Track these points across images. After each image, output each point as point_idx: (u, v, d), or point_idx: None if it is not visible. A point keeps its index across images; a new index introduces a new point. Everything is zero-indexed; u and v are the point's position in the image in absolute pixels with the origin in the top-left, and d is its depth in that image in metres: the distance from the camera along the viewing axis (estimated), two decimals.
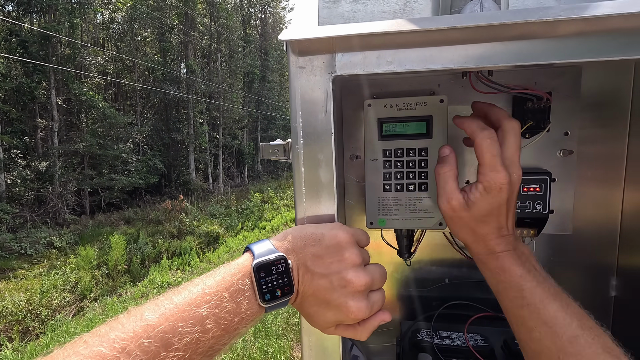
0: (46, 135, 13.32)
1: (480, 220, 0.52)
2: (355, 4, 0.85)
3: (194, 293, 0.41)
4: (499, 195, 0.50)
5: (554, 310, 0.46)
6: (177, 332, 0.38)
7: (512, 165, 0.50)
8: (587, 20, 0.43)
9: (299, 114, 0.50)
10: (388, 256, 0.79)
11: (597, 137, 0.69)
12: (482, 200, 0.50)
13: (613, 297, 0.72)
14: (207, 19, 20.70)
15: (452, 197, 0.52)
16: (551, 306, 0.46)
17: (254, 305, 0.43)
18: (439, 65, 0.46)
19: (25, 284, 7.34)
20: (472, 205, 0.51)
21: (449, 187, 0.53)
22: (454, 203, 0.52)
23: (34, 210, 11.67)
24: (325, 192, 0.52)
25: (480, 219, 0.51)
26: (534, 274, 0.49)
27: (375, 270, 0.48)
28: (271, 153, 0.58)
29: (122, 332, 0.37)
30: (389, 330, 0.82)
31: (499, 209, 0.51)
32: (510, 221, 0.52)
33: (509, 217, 0.52)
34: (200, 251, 9.92)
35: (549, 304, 0.47)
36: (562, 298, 0.47)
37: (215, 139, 20.33)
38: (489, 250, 0.52)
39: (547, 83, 0.66)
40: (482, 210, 0.51)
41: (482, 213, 0.51)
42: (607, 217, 0.71)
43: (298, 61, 0.49)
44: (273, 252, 0.45)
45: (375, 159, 0.67)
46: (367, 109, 0.67)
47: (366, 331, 0.48)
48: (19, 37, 12.28)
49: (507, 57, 0.45)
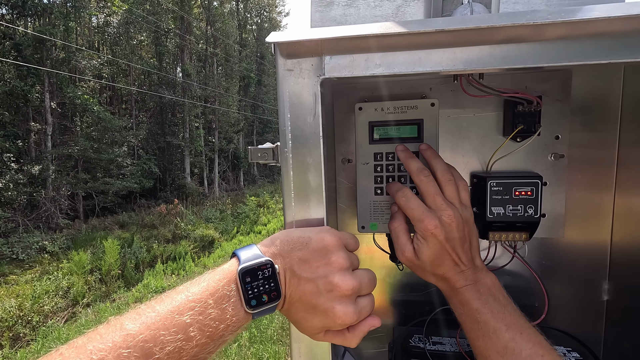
0: (40, 139, 13.20)
1: (432, 264, 0.55)
2: (347, 7, 0.85)
3: (177, 300, 0.40)
4: (434, 240, 0.53)
5: (505, 340, 0.50)
6: (159, 341, 0.37)
7: (438, 209, 0.54)
8: (574, 23, 0.43)
9: (287, 117, 0.50)
10: (380, 261, 0.78)
11: (588, 140, 0.70)
12: (423, 247, 0.55)
13: (605, 301, 0.72)
14: (203, 23, 20.72)
15: (404, 250, 0.57)
16: (503, 336, 0.50)
17: (240, 312, 0.42)
18: (427, 68, 0.46)
19: (17, 290, 7.22)
20: (419, 254, 0.55)
21: (400, 241, 0.58)
22: (407, 255, 0.57)
23: (27, 215, 11.52)
24: (314, 196, 0.51)
25: (431, 263, 0.55)
26: (490, 305, 0.53)
27: (363, 275, 0.48)
28: (260, 156, 0.57)
29: (101, 342, 0.35)
30: (381, 336, 0.81)
31: (442, 251, 0.54)
32: (464, 256, 0.55)
33: (461, 253, 0.55)
34: (195, 255, 9.84)
35: (501, 334, 0.50)
36: (516, 327, 0.51)
37: (211, 142, 20.26)
38: (450, 287, 0.56)
39: (537, 87, 0.66)
40: (427, 256, 0.55)
41: (429, 258, 0.55)
42: (599, 220, 0.71)
43: (286, 64, 0.49)
44: (259, 257, 0.44)
45: (366, 163, 0.67)
46: (357, 112, 0.66)
47: (355, 337, 0.47)
48: (13, 40, 12.20)
49: (496, 60, 0.45)
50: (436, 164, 0.58)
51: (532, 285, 0.73)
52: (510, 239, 0.66)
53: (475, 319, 0.52)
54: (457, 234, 0.54)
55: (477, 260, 0.57)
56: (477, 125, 0.71)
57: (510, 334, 0.50)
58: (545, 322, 0.69)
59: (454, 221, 0.53)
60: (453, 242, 0.54)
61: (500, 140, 0.70)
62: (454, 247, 0.54)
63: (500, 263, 0.73)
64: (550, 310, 0.72)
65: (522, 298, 0.74)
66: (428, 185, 0.55)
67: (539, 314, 0.71)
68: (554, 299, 0.73)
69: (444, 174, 0.56)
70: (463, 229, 0.55)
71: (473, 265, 0.56)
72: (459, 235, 0.54)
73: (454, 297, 0.56)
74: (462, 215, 0.55)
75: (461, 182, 0.58)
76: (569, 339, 0.68)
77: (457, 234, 0.54)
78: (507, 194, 0.64)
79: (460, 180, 0.58)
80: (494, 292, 0.54)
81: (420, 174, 0.56)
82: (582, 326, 0.72)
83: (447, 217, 0.53)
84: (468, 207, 0.57)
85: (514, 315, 0.52)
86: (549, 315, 0.71)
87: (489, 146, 0.70)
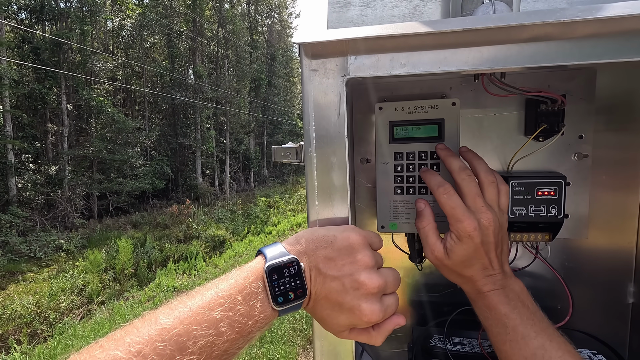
0: (56, 140, 13.55)
1: (462, 265, 0.55)
2: (364, 8, 0.85)
3: (207, 297, 0.41)
4: (470, 242, 0.52)
5: (534, 347, 0.49)
6: (192, 336, 0.38)
7: (477, 211, 0.53)
8: (603, 21, 0.42)
9: (311, 117, 0.50)
10: (399, 261, 0.78)
11: (612, 140, 0.68)
12: (457, 248, 0.54)
13: (631, 304, 0.70)
14: (214, 25, 20.95)
15: (434, 249, 0.56)
16: (532, 342, 0.50)
17: (267, 308, 0.43)
18: (453, 67, 0.46)
19: (34, 287, 7.42)
20: (451, 254, 0.54)
21: (430, 240, 0.57)
22: (437, 254, 0.56)
23: (44, 214, 11.82)
24: (338, 195, 0.51)
25: (462, 264, 0.55)
26: (519, 311, 0.52)
27: (388, 274, 0.48)
28: (283, 156, 0.58)
29: (137, 336, 0.37)
30: (399, 336, 0.81)
31: (476, 253, 0.53)
32: (496, 261, 0.54)
33: (493, 258, 0.54)
34: (206, 255, 9.95)
35: (531, 340, 0.50)
36: (545, 334, 0.50)
37: (222, 143, 20.46)
38: (477, 290, 0.55)
39: (560, 86, 0.65)
40: (460, 257, 0.54)
41: (461, 259, 0.54)
42: (624, 222, 0.69)
43: (311, 64, 0.49)
44: (285, 255, 0.45)
45: (386, 163, 0.67)
46: (378, 112, 0.67)
47: (381, 335, 0.47)
48: (32, 44, 12.56)
49: (522, 58, 0.45)
50: (479, 164, 0.57)
51: (555, 287, 0.72)
52: (532, 239, 0.65)
53: (504, 323, 0.52)
54: (493, 238, 0.53)
55: (506, 267, 0.56)
56: (498, 124, 0.70)
57: (539, 341, 0.49)
58: (568, 324, 0.67)
59: (492, 225, 0.52)
60: (488, 246, 0.53)
61: (521, 140, 0.69)
62: (488, 251, 0.54)
63: (521, 264, 0.72)
64: (574, 313, 0.70)
65: (544, 300, 0.73)
66: (470, 185, 0.54)
67: (561, 316, 0.69)
68: (577, 301, 0.71)
69: (487, 175, 0.55)
70: (498, 234, 0.54)
71: (502, 271, 0.55)
72: (494, 240, 0.53)
73: (479, 301, 0.55)
74: (500, 221, 0.54)
75: (503, 186, 0.57)
76: (595, 342, 0.66)
77: (492, 239, 0.53)
78: (529, 194, 0.63)
79: (502, 184, 0.57)
80: (523, 298, 0.53)
81: (462, 173, 0.55)
82: (606, 329, 0.71)
83: (486, 220, 0.52)
84: (505, 212, 0.56)
85: (543, 322, 0.51)
86: (573, 318, 0.70)
87: (510, 146, 0.69)
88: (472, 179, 0.54)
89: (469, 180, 0.54)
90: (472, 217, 0.52)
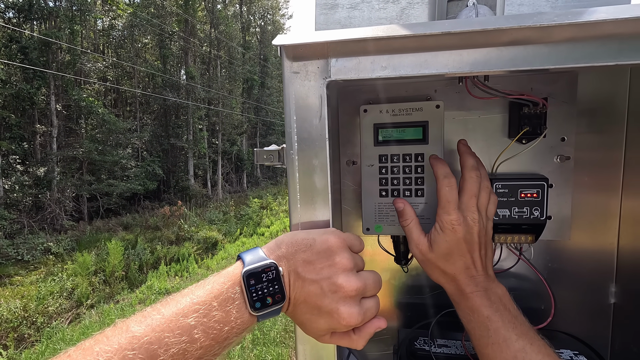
0: (45, 141, 13.31)
1: (444, 260, 0.56)
2: (352, 10, 0.85)
3: (182, 303, 0.40)
4: (453, 234, 0.54)
5: (515, 350, 0.50)
6: (163, 343, 0.37)
7: (466, 209, 0.55)
8: (581, 25, 0.42)
9: (293, 119, 0.50)
10: (385, 263, 0.78)
11: (594, 143, 0.69)
12: (439, 239, 0.55)
13: (612, 304, 0.71)
14: (207, 26, 20.84)
15: (419, 243, 0.58)
16: (513, 345, 0.50)
17: (244, 314, 0.42)
18: (433, 70, 0.46)
19: (22, 291, 7.27)
20: (434, 245, 0.56)
21: (414, 235, 0.59)
22: (421, 247, 0.58)
23: (32, 216, 11.61)
24: (320, 198, 0.51)
25: (444, 257, 0.56)
26: (501, 314, 0.52)
27: (368, 277, 0.48)
28: (266, 158, 0.57)
29: (107, 345, 0.36)
30: (385, 338, 0.81)
31: (458, 248, 0.55)
32: (479, 262, 0.56)
33: (477, 258, 0.55)
34: (198, 257, 9.86)
35: (512, 343, 0.50)
36: (526, 337, 0.51)
37: (214, 144, 20.34)
38: (459, 290, 0.56)
39: (543, 89, 0.66)
40: (442, 249, 0.56)
41: (443, 252, 0.56)
42: (606, 223, 0.70)
43: (292, 66, 0.49)
44: (263, 260, 0.45)
45: (371, 165, 0.67)
46: (363, 114, 0.67)
47: (362, 339, 0.47)
48: (20, 44, 12.34)
49: (502, 62, 0.45)
50: (480, 169, 0.59)
51: (538, 288, 0.73)
52: (516, 241, 0.66)
53: (486, 326, 0.52)
54: (477, 238, 0.55)
55: (490, 271, 0.57)
56: (482, 127, 0.71)
57: (520, 344, 0.50)
58: (551, 325, 0.68)
59: (476, 225, 0.55)
60: (471, 244, 0.55)
61: (505, 142, 0.69)
62: (471, 249, 0.55)
63: (505, 265, 0.73)
64: (557, 313, 0.71)
65: (528, 301, 0.74)
66: (474, 185, 0.56)
67: (545, 316, 0.70)
68: (560, 301, 0.72)
69: (485, 181, 0.57)
70: (483, 237, 0.56)
71: (485, 274, 0.56)
72: (478, 240, 0.55)
73: (462, 302, 0.56)
74: (484, 225, 0.56)
75: (493, 196, 0.59)
76: (577, 343, 0.67)
77: (476, 238, 0.55)
78: (512, 196, 0.64)
79: (492, 194, 0.59)
80: (505, 302, 0.54)
81: (473, 172, 0.56)
82: (589, 329, 0.72)
83: (471, 220, 0.55)
84: (491, 220, 0.58)
85: (524, 326, 0.52)
86: (555, 318, 0.71)
87: (495, 148, 0.70)
88: (478, 180, 0.56)
89: (475, 180, 0.56)
90: (460, 213, 0.55)
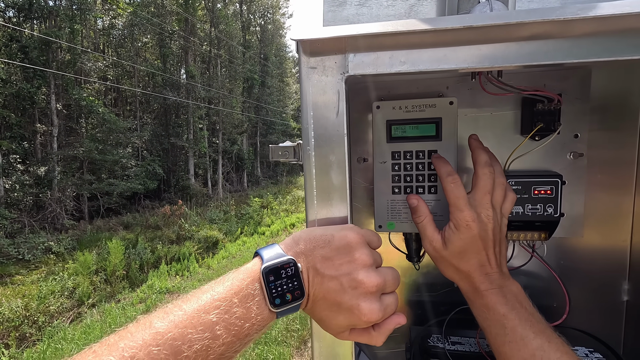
0: (45, 140, 13.30)
1: (459, 257, 0.55)
2: (360, 7, 0.84)
3: (203, 300, 0.40)
4: (468, 232, 0.54)
5: (533, 348, 0.49)
6: (187, 339, 0.37)
7: (479, 206, 0.55)
8: (601, 19, 0.42)
9: (310, 115, 0.49)
10: (396, 260, 0.78)
11: (607, 140, 0.69)
12: (454, 237, 0.55)
13: (625, 302, 0.71)
14: (207, 25, 20.81)
15: (432, 239, 0.57)
16: (531, 344, 0.49)
17: (264, 310, 0.42)
18: (452, 65, 0.45)
19: (23, 290, 7.28)
20: (448, 243, 0.56)
21: (428, 232, 0.58)
22: (435, 244, 0.57)
23: (32, 216, 11.61)
24: (337, 194, 0.51)
25: (458, 255, 0.55)
26: (517, 312, 0.52)
27: (387, 273, 0.47)
28: (281, 155, 0.57)
29: (131, 340, 0.36)
30: (397, 336, 0.81)
31: (473, 245, 0.54)
32: (494, 260, 0.55)
33: (491, 256, 0.55)
34: (199, 256, 9.86)
35: (530, 341, 0.50)
36: (544, 335, 0.50)
37: (215, 144, 20.32)
38: (474, 288, 0.55)
39: (556, 85, 0.66)
40: (457, 247, 0.55)
41: (457, 249, 0.55)
42: (619, 220, 0.70)
43: (309, 61, 0.49)
44: (282, 256, 0.44)
45: (383, 162, 0.66)
46: (375, 111, 0.66)
47: (381, 335, 0.47)
48: (20, 43, 12.32)
49: (521, 56, 0.45)
50: (495, 165, 0.58)
51: (551, 285, 0.72)
52: (528, 238, 0.66)
53: (502, 324, 0.52)
54: (492, 235, 0.54)
55: (504, 268, 0.57)
56: (494, 124, 0.70)
57: (538, 342, 0.49)
58: (564, 322, 0.68)
59: (491, 222, 0.54)
60: (485, 241, 0.54)
61: (517, 139, 0.69)
62: (485, 246, 0.54)
63: (517, 263, 0.73)
64: (570, 311, 0.71)
65: (540, 298, 0.73)
66: (487, 181, 0.55)
67: (557, 314, 0.70)
68: (572, 299, 0.72)
69: (499, 177, 0.57)
70: (498, 234, 0.55)
71: (500, 271, 0.55)
72: (493, 237, 0.54)
73: (477, 300, 0.55)
74: (499, 222, 0.56)
75: (511, 194, 0.58)
76: (591, 340, 0.67)
77: (491, 235, 0.54)
78: (525, 193, 0.64)
79: (510, 191, 0.58)
80: (520, 299, 0.54)
81: (486, 168, 0.56)
82: (601, 327, 0.71)
83: (485, 217, 0.54)
84: (506, 217, 0.58)
85: (541, 323, 0.52)
86: (568, 316, 0.70)
87: (507, 145, 0.69)
88: (492, 176, 0.56)
89: (488, 176, 0.55)
90: (473, 210, 0.54)
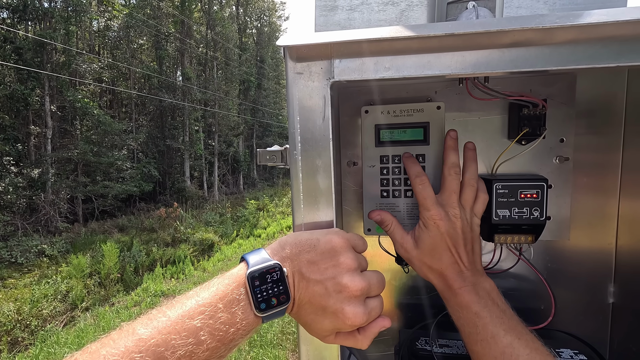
0: (39, 142, 13.20)
1: (430, 255, 0.57)
2: (351, 12, 0.85)
3: (187, 305, 0.40)
4: (436, 230, 0.56)
5: (503, 346, 0.50)
6: (170, 345, 0.37)
7: (446, 205, 0.57)
8: (581, 27, 0.43)
9: (296, 120, 0.50)
10: (386, 264, 0.78)
11: (592, 144, 0.70)
12: (424, 235, 0.57)
13: (611, 304, 0.72)
14: (203, 27, 20.81)
15: (403, 242, 0.60)
16: (501, 341, 0.50)
17: (250, 315, 0.42)
18: (436, 71, 0.46)
19: (15, 294, 7.20)
20: (419, 241, 0.58)
21: (397, 236, 0.61)
22: (406, 245, 0.59)
23: (26, 218, 11.49)
24: (323, 199, 0.51)
25: (430, 253, 0.57)
26: (489, 309, 0.53)
27: (372, 276, 0.48)
28: (269, 159, 0.57)
29: (114, 348, 0.36)
30: (386, 339, 0.81)
31: (442, 243, 0.56)
32: (466, 257, 0.56)
33: (462, 253, 0.56)
34: (194, 259, 9.81)
35: (500, 339, 0.50)
36: (514, 332, 0.51)
37: (211, 146, 20.28)
38: (448, 286, 0.56)
39: (542, 90, 0.67)
40: (427, 245, 0.57)
41: (428, 248, 0.57)
42: (604, 223, 0.71)
43: (296, 67, 0.49)
44: (268, 261, 0.44)
45: (372, 166, 0.67)
46: (364, 115, 0.67)
47: (367, 339, 0.47)
48: (14, 44, 12.24)
49: (504, 63, 0.45)
50: (469, 167, 0.59)
51: (538, 288, 0.73)
52: (515, 241, 0.66)
53: (474, 323, 0.52)
54: (461, 233, 0.56)
55: (478, 265, 0.58)
56: (482, 128, 0.71)
57: (508, 339, 0.50)
58: (551, 324, 0.69)
59: (458, 220, 0.56)
60: (455, 239, 0.55)
61: (505, 143, 0.70)
62: (455, 244, 0.56)
63: (505, 266, 0.73)
64: (556, 313, 0.72)
65: (527, 301, 0.74)
66: (453, 181, 0.57)
67: (544, 316, 0.71)
68: (559, 301, 0.72)
69: (470, 178, 0.58)
70: (467, 232, 0.56)
71: (474, 268, 0.56)
72: (462, 235, 0.56)
73: (452, 299, 0.56)
74: (469, 221, 0.57)
75: (483, 194, 0.59)
76: (577, 342, 0.67)
77: (460, 233, 0.55)
78: (512, 197, 0.64)
79: (482, 192, 0.59)
80: (493, 296, 0.54)
81: (451, 169, 0.57)
82: (587, 329, 0.72)
83: (452, 215, 0.56)
84: (477, 217, 0.59)
85: (512, 320, 0.52)
86: (554, 318, 0.71)
87: (494, 149, 0.70)
88: (457, 177, 0.57)
89: (453, 177, 0.57)
90: (441, 209, 0.56)
